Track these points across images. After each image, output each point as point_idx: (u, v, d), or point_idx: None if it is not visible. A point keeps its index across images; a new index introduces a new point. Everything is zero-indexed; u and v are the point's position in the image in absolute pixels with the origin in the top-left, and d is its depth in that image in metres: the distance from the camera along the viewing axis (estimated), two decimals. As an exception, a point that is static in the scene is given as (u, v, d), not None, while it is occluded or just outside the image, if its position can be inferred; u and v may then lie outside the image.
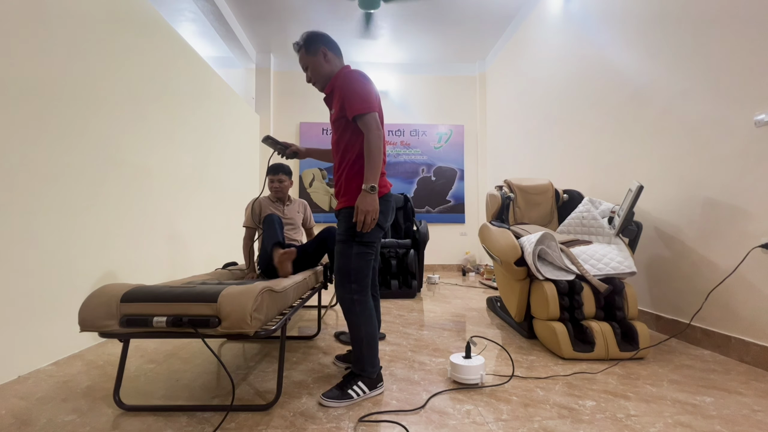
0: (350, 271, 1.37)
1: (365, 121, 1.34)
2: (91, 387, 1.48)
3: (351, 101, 1.34)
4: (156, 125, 2.59)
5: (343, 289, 1.38)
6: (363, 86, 1.36)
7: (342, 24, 4.65)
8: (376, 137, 1.32)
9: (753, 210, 1.73)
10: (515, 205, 2.73)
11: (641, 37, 2.46)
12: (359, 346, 1.39)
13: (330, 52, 1.47)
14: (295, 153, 1.65)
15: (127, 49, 2.30)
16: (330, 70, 1.48)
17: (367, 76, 1.40)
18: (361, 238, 1.37)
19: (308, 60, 1.47)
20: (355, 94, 1.34)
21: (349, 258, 1.37)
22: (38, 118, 1.71)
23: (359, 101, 1.33)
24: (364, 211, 1.30)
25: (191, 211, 3.10)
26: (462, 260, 5.56)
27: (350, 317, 1.39)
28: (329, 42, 1.48)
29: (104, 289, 1.23)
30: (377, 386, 1.41)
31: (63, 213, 1.84)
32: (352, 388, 1.34)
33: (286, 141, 1.64)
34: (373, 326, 1.40)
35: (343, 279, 1.38)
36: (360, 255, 1.37)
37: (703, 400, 1.37)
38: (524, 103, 4.33)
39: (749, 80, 1.76)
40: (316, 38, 1.47)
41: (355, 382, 1.36)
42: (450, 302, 3.23)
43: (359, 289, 1.38)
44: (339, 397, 1.31)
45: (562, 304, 1.89)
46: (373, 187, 1.30)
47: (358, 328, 1.38)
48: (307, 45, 1.47)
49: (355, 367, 1.40)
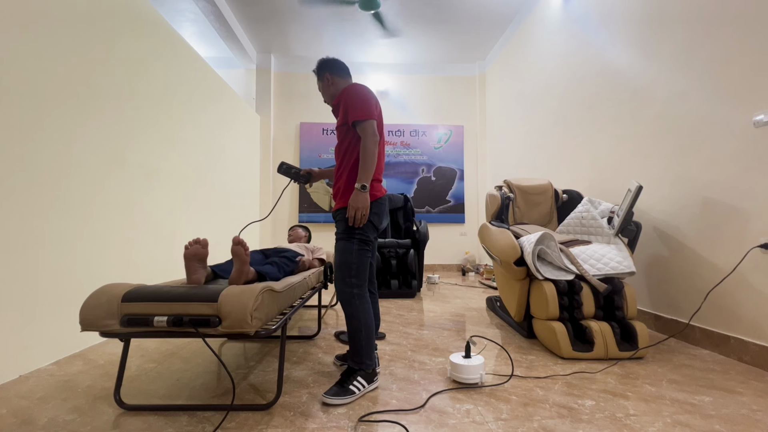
0: (351, 266, 1.46)
1: (363, 126, 1.47)
2: (91, 386, 1.49)
3: (352, 109, 1.49)
4: (156, 125, 2.59)
5: (344, 283, 1.46)
6: (363, 97, 1.50)
7: (342, 25, 4.66)
8: (372, 142, 1.45)
9: (752, 210, 1.74)
10: (515, 205, 2.74)
11: (641, 38, 2.46)
12: (358, 339, 1.45)
13: (334, 75, 1.67)
14: (308, 176, 1.80)
15: (127, 50, 2.30)
16: (335, 91, 1.67)
17: (369, 89, 1.55)
18: (360, 236, 1.47)
19: (319, 84, 1.70)
20: (356, 103, 1.49)
21: (350, 254, 1.46)
22: (39, 119, 1.71)
23: (359, 109, 1.48)
24: (354, 207, 1.42)
25: (192, 211, 3.11)
26: (462, 260, 5.57)
27: (349, 310, 1.46)
28: (333, 67, 1.67)
29: (105, 288, 1.23)
30: (374, 380, 1.48)
31: (64, 213, 1.84)
32: (352, 384, 1.39)
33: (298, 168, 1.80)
34: (371, 319, 1.47)
35: (344, 274, 1.46)
36: (359, 251, 1.47)
37: (702, 399, 1.37)
38: (524, 104, 4.34)
39: (748, 80, 1.76)
40: (323, 66, 1.68)
41: (354, 378, 1.41)
42: (450, 302, 3.24)
43: (358, 284, 1.46)
44: (341, 394, 1.35)
45: (562, 303, 1.89)
46: (364, 186, 1.42)
47: (357, 320, 1.45)
48: (317, 72, 1.70)
49: (353, 360, 1.45)
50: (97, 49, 2.06)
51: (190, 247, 1.43)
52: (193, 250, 1.43)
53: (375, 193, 1.51)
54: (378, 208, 1.52)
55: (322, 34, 4.90)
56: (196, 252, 1.43)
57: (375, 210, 1.51)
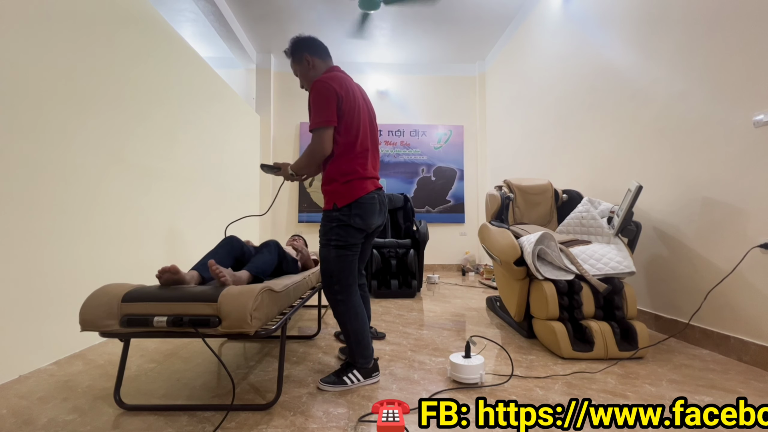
0: (332, 273, 1.45)
1: (314, 136, 1.41)
2: (91, 386, 1.49)
3: (311, 115, 1.41)
4: (157, 125, 2.59)
5: (328, 290, 1.48)
6: (320, 99, 1.39)
7: (342, 25, 4.65)
8: (316, 151, 1.41)
9: (752, 210, 1.74)
10: (515, 205, 2.74)
11: (640, 38, 2.46)
12: (349, 342, 1.49)
13: (314, 56, 1.53)
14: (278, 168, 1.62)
15: (127, 50, 2.30)
16: (315, 74, 1.54)
17: (330, 85, 1.40)
18: (335, 242, 1.43)
19: (296, 67, 1.56)
20: (312, 109, 1.41)
21: (327, 262, 1.45)
22: (39, 118, 1.71)
23: (313, 116, 1.40)
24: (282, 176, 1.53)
25: (192, 211, 3.10)
26: (462, 260, 5.57)
27: (338, 316, 1.49)
28: (312, 46, 1.53)
29: (105, 288, 1.23)
30: (372, 375, 1.51)
31: (64, 213, 1.84)
32: (347, 375, 1.45)
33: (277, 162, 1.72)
34: (359, 323, 1.48)
35: (327, 282, 1.48)
36: (339, 258, 1.44)
37: (702, 399, 1.37)
38: (524, 104, 4.34)
39: (748, 80, 1.76)
40: (300, 45, 1.53)
41: (351, 371, 1.47)
42: (450, 302, 3.24)
43: (341, 290, 1.46)
44: (334, 383, 1.43)
45: (562, 303, 1.89)
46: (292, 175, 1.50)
47: (344, 325, 1.48)
48: (293, 53, 1.54)
49: (349, 357, 1.51)
50: (97, 49, 2.06)
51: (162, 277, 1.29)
52: (164, 279, 1.30)
53: (355, 192, 1.42)
54: (360, 209, 1.43)
55: (321, 34, 4.90)
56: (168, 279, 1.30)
57: (356, 211, 1.42)
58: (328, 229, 1.44)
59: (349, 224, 1.42)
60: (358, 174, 1.44)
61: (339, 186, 1.43)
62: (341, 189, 1.42)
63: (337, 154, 1.44)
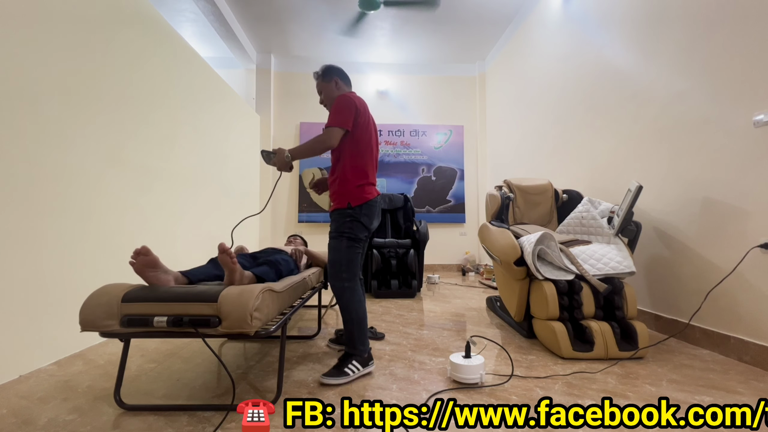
0: (341, 262, 1.60)
1: (328, 130, 1.60)
2: (91, 386, 1.49)
3: (331, 115, 1.63)
4: (157, 126, 2.59)
5: (336, 278, 1.61)
6: (346, 107, 1.62)
7: (342, 25, 4.65)
8: (322, 142, 1.58)
9: (752, 210, 1.74)
10: (515, 205, 2.74)
11: (640, 38, 2.46)
12: (351, 328, 1.60)
13: (341, 81, 1.80)
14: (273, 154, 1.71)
15: (127, 49, 2.30)
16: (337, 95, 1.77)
17: (353, 100, 1.64)
18: (348, 234, 1.61)
19: (323, 86, 1.80)
20: (333, 111, 1.63)
21: (340, 251, 1.61)
22: (39, 118, 1.71)
23: (332, 116, 1.62)
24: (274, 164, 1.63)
25: (192, 211, 3.10)
26: (462, 260, 5.57)
27: (342, 303, 1.60)
28: (341, 74, 1.80)
29: (105, 289, 1.23)
30: (369, 364, 1.61)
31: (64, 213, 1.84)
32: (347, 367, 1.53)
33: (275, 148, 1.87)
34: (363, 310, 1.63)
35: (336, 270, 1.61)
36: (349, 248, 1.61)
37: (702, 399, 1.37)
38: (524, 104, 4.34)
39: (748, 80, 1.76)
40: (332, 70, 1.80)
41: (350, 361, 1.55)
42: (450, 302, 3.24)
43: (349, 278, 1.60)
44: (337, 375, 1.50)
45: (562, 303, 1.89)
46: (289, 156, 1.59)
47: (349, 312, 1.60)
48: (324, 74, 1.80)
49: (348, 347, 1.60)
50: (97, 49, 2.06)
51: (136, 260, 1.28)
52: (139, 263, 1.28)
53: (366, 196, 1.64)
54: (368, 210, 1.64)
55: (321, 34, 4.91)
56: (143, 263, 1.29)
57: (365, 211, 1.63)
58: (342, 223, 1.61)
59: (359, 221, 1.62)
60: (368, 180, 1.67)
61: (354, 189, 1.63)
62: (355, 192, 1.63)
63: (352, 161, 1.64)
